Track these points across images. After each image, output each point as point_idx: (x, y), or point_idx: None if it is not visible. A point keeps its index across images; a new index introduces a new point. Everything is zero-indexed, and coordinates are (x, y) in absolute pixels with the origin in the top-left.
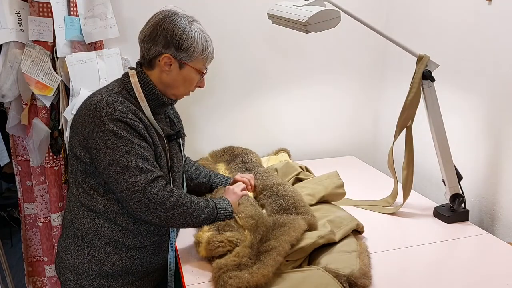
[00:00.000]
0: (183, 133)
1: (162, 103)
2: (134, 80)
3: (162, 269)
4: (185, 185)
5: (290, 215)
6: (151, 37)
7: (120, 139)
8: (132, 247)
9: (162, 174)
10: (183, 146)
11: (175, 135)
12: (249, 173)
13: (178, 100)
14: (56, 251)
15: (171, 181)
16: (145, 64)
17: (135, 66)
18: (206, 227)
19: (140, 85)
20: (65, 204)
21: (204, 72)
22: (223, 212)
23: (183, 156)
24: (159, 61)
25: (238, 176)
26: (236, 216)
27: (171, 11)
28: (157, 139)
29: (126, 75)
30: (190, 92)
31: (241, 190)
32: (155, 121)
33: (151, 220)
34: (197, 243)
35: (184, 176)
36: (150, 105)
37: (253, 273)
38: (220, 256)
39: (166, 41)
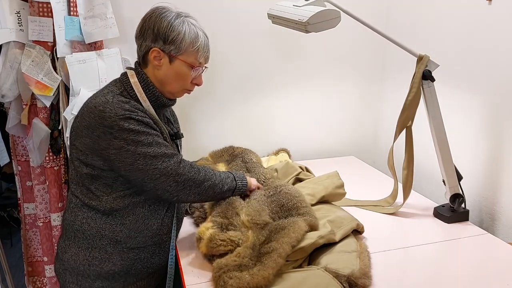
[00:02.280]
0: (182, 134)
1: (162, 105)
2: (134, 80)
3: (163, 270)
4: None
5: (292, 217)
6: (141, 33)
7: (139, 134)
8: (133, 247)
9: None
10: (181, 146)
11: (175, 135)
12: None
13: (178, 99)
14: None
15: None
16: (141, 62)
17: (133, 66)
18: (209, 224)
19: (141, 86)
20: (65, 204)
21: (196, 66)
22: (240, 184)
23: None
24: (149, 56)
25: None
26: (242, 214)
27: (160, 6)
28: (164, 136)
29: (124, 75)
30: (189, 90)
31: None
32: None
33: (187, 198)
34: (199, 239)
35: None
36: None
37: (254, 275)
38: (220, 255)
39: (154, 34)
